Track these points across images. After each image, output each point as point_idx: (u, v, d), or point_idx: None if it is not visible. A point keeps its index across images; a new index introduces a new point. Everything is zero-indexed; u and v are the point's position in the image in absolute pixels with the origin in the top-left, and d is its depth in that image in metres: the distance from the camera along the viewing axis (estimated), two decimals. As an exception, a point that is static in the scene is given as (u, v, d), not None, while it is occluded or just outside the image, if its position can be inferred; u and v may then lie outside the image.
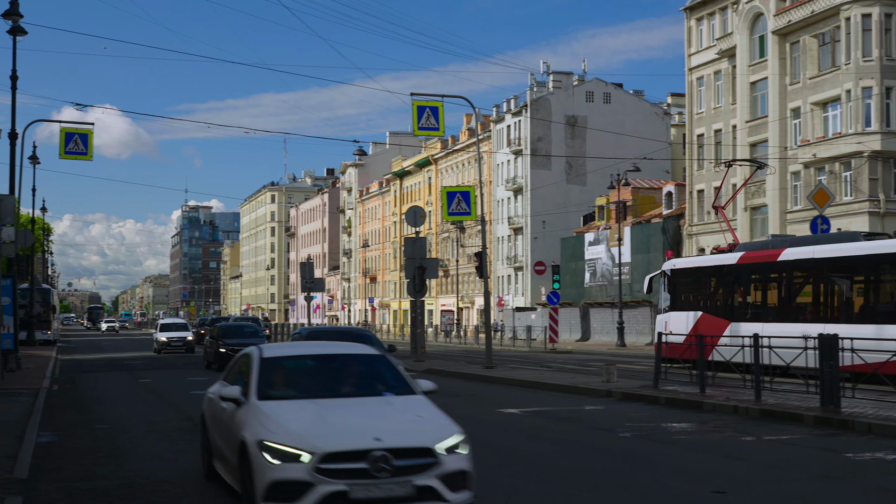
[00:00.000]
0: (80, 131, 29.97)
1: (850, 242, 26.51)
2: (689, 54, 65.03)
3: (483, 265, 30.00)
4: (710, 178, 62.32)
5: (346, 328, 28.06)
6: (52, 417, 17.77)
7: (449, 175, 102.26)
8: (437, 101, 27.08)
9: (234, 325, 38.14)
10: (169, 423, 16.82)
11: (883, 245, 25.13)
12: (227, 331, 34.24)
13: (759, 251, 30.17)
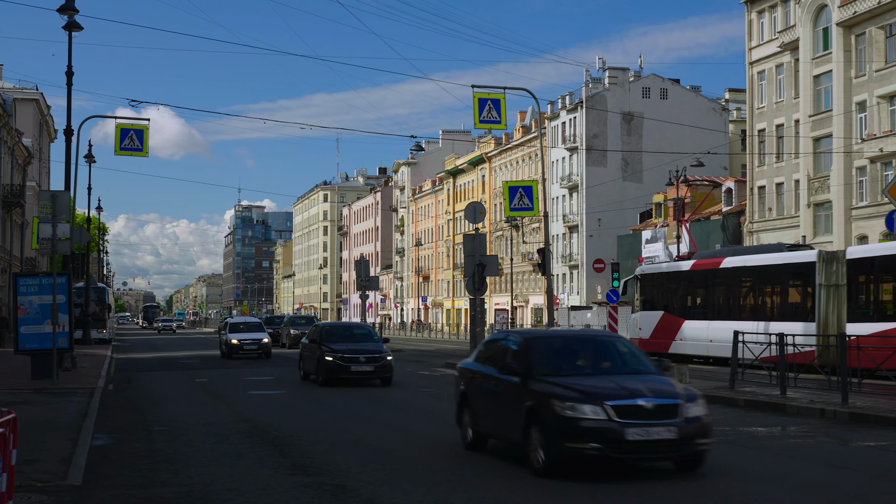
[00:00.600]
0: (135, 127, 29.54)
1: (772, 253, 32.51)
2: (749, 48, 63.65)
3: (546, 262, 29.19)
4: (772, 174, 61.00)
5: None
6: (107, 418, 17.23)
7: (502, 173, 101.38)
8: (498, 93, 26.32)
9: (341, 327, 29.80)
10: (228, 425, 16.21)
11: (790, 256, 31.08)
12: (334, 333, 26.88)
13: (708, 259, 35.58)
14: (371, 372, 24.30)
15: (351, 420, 17.21)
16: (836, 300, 26.33)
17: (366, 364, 24.24)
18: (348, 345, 25.08)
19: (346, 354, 24.14)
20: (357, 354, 24.28)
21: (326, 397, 21.89)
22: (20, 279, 24.71)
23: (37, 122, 77.75)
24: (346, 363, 23.97)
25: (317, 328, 27.74)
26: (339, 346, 24.80)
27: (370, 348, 24.67)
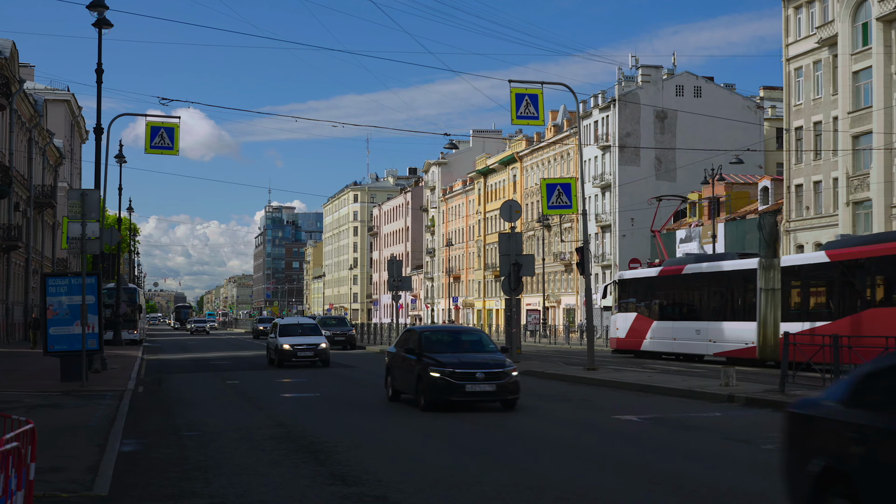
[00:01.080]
0: (166, 125, 29.06)
1: (725, 261, 36.72)
2: (786, 44, 62.64)
3: (584, 261, 28.50)
4: (810, 172, 59.98)
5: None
6: (136, 422, 16.69)
7: (534, 172, 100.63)
8: (536, 88, 25.65)
9: (444, 332, 22.37)
10: (261, 431, 15.60)
11: (738, 263, 35.04)
12: (437, 341, 20.62)
13: (673, 266, 40.12)
14: (492, 392, 18.72)
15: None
16: (773, 302, 29.50)
17: (485, 382, 18.68)
18: (458, 356, 19.53)
19: (459, 370, 18.78)
20: (472, 369, 18.81)
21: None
22: (49, 279, 24.29)
23: (68, 122, 77.80)
24: (459, 381, 18.62)
25: (412, 334, 21.27)
26: (446, 358, 19.26)
27: (488, 361, 19.22)
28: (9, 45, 51.31)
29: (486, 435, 15.34)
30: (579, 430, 15.44)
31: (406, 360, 20.23)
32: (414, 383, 19.52)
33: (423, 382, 19.00)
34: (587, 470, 11.82)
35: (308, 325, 37.25)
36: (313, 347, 34.21)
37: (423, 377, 19.00)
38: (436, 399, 18.77)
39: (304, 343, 34.31)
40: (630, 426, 15.95)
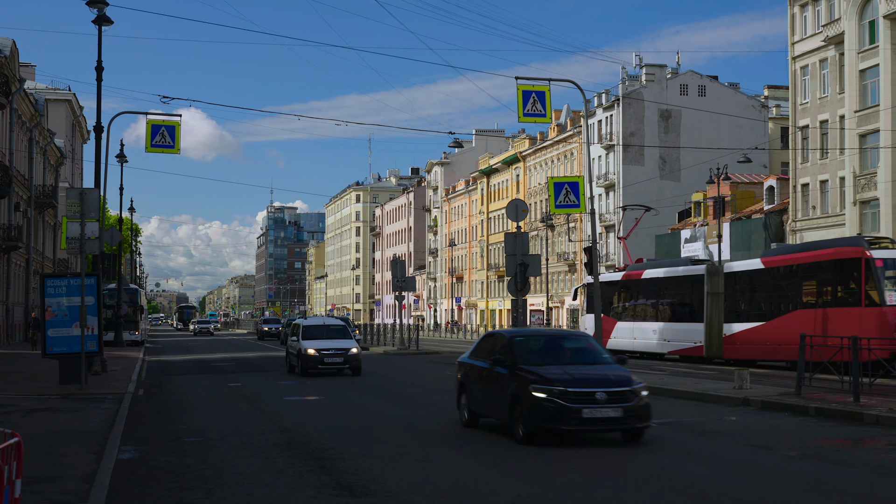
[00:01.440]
0: (166, 123, 28.54)
1: (679, 266, 39.93)
2: (792, 42, 62.17)
3: (593, 260, 28.01)
4: (816, 172, 59.53)
5: None
6: (135, 427, 16.21)
7: (537, 172, 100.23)
8: (543, 85, 25.12)
9: (542, 337, 16.85)
10: (264, 436, 15.10)
11: (689, 269, 38.32)
12: (534, 350, 15.63)
13: (634, 271, 43.05)
14: (617, 419, 13.81)
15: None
16: (718, 305, 30.79)
17: (608, 406, 13.69)
18: (566, 369, 14.46)
19: (573, 388, 13.73)
20: (590, 388, 13.82)
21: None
22: (47, 280, 23.83)
23: (69, 122, 77.38)
24: (574, 403, 13.66)
25: (497, 340, 16.30)
26: (552, 373, 14.19)
27: (609, 377, 14.35)
28: (9, 44, 50.88)
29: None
30: None
31: (491, 374, 15.53)
32: (506, 406, 14.63)
33: (522, 405, 14.11)
34: (606, 482, 11.34)
35: (336, 326, 32.59)
36: (342, 352, 29.84)
37: (522, 398, 14.10)
38: (540, 427, 13.82)
39: (331, 348, 29.93)
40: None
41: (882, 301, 29.03)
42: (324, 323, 33.73)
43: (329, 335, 31.10)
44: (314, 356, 29.55)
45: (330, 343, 30.25)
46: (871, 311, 29.20)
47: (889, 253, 30.42)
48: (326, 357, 29.58)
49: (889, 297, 29.24)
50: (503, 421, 15.02)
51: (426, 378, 29.35)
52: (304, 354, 29.66)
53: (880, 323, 28.55)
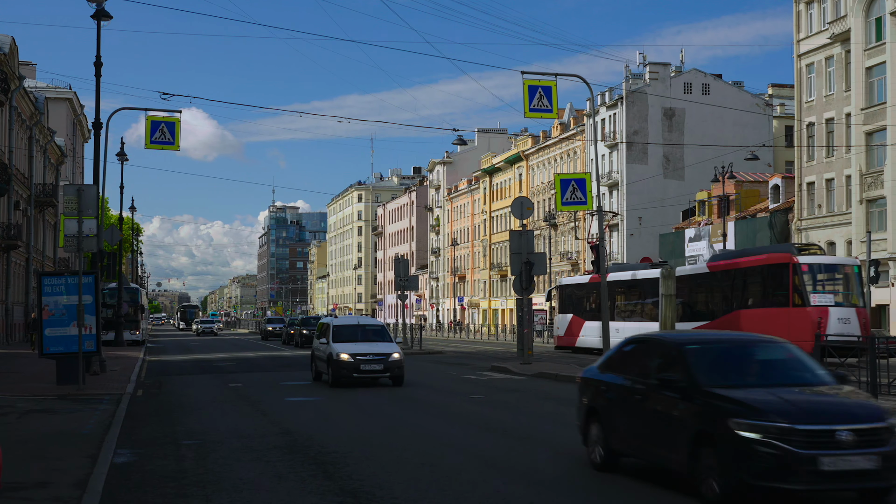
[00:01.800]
0: (166, 120, 28.15)
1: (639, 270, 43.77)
2: (797, 40, 61.69)
3: (600, 258, 27.59)
4: (822, 170, 59.04)
5: None
6: (133, 430, 15.73)
7: (540, 171, 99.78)
8: (550, 80, 24.69)
9: (727, 343, 11.65)
10: (264, 439, 14.60)
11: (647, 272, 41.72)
12: (721, 363, 10.87)
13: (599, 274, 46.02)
14: (871, 473, 9.42)
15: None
16: (670, 306, 31.66)
17: (857, 453, 9.24)
18: (778, 393, 9.88)
19: (802, 425, 9.27)
20: (828, 425, 9.34)
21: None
22: (45, 278, 23.37)
23: (70, 121, 76.97)
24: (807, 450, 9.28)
25: (655, 345, 12.00)
26: (760, 400, 9.74)
27: (848, 406, 9.96)
28: (8, 41, 50.44)
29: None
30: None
31: (650, 397, 11.07)
32: (683, 447, 10.15)
33: (715, 448, 9.71)
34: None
35: (373, 326, 27.32)
36: (382, 358, 24.83)
37: (715, 437, 9.71)
38: (750, 484, 9.38)
39: (369, 353, 24.91)
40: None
41: (807, 302, 32.68)
42: (358, 323, 27.80)
43: (365, 337, 26.16)
44: (348, 362, 24.54)
45: (367, 347, 25.19)
46: (797, 311, 32.70)
47: (814, 259, 34.37)
48: (363, 364, 24.54)
49: (813, 298, 32.92)
50: (674, 467, 10.53)
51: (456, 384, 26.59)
52: (337, 360, 24.62)
53: (805, 321, 31.79)
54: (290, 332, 62.33)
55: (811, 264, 33.83)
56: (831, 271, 34.77)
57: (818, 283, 33.76)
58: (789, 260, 33.58)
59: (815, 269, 34.05)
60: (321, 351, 26.20)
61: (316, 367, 27.05)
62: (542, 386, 24.05)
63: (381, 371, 24.66)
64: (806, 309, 32.45)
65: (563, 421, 15.99)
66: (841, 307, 33.11)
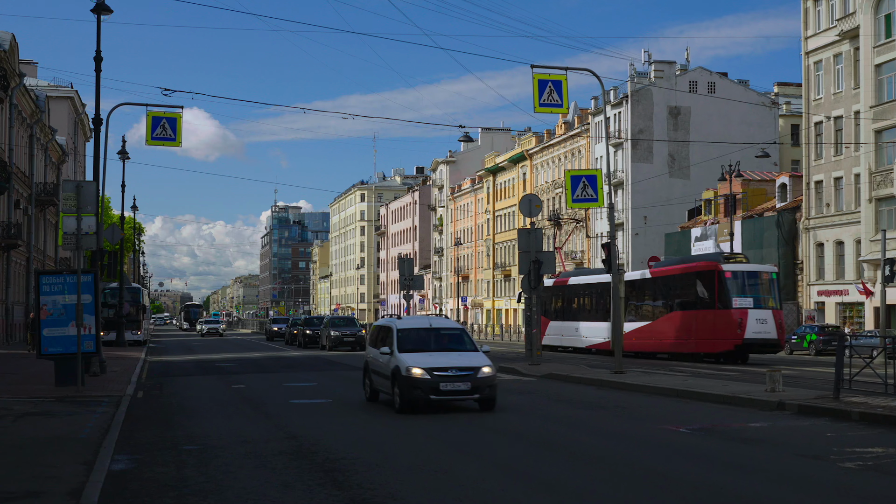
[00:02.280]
0: (167, 115, 27.55)
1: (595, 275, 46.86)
2: (805, 37, 61.09)
3: (611, 256, 26.98)
4: (830, 168, 58.42)
5: None
6: (132, 434, 15.11)
7: (544, 170, 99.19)
8: (560, 74, 24.09)
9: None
10: (269, 444, 13.94)
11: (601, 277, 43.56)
12: None
13: (563, 278, 51.50)
14: None
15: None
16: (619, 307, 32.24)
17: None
18: None
19: None
20: None
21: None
22: (43, 277, 22.75)
23: (72, 120, 76.41)
24: None
25: None
26: None
27: None
28: (8, 38, 49.86)
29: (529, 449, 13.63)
30: (627, 445, 13.68)
31: None
32: None
33: None
34: (652, 498, 10.25)
35: (450, 330, 20.48)
36: (469, 374, 18.26)
37: None
38: None
39: (451, 366, 18.31)
40: (681, 439, 14.27)
41: (729, 305, 37.34)
42: (430, 325, 20.66)
43: (440, 344, 19.61)
44: (424, 380, 18.09)
45: (447, 358, 18.74)
46: (722, 313, 37.48)
47: (738, 266, 38.59)
48: (444, 381, 18.11)
49: (735, 301, 37.39)
50: None
51: None
52: (407, 377, 18.18)
53: (728, 322, 37.18)
54: (294, 332, 61.75)
55: (734, 271, 38.15)
56: (752, 277, 38.79)
57: (740, 288, 37.93)
58: (715, 267, 37.98)
59: (737, 276, 38.27)
60: (381, 363, 19.79)
61: (371, 382, 20.81)
62: (553, 388, 23.46)
63: (468, 392, 18.24)
64: (730, 311, 37.25)
65: (580, 424, 15.44)
66: (759, 309, 37.65)
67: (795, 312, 60.83)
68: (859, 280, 53.38)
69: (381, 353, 19.58)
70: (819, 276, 59.76)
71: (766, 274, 39.60)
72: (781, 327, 38.73)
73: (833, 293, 58.29)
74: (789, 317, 60.49)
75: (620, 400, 20.09)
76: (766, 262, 63.83)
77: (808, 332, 47.31)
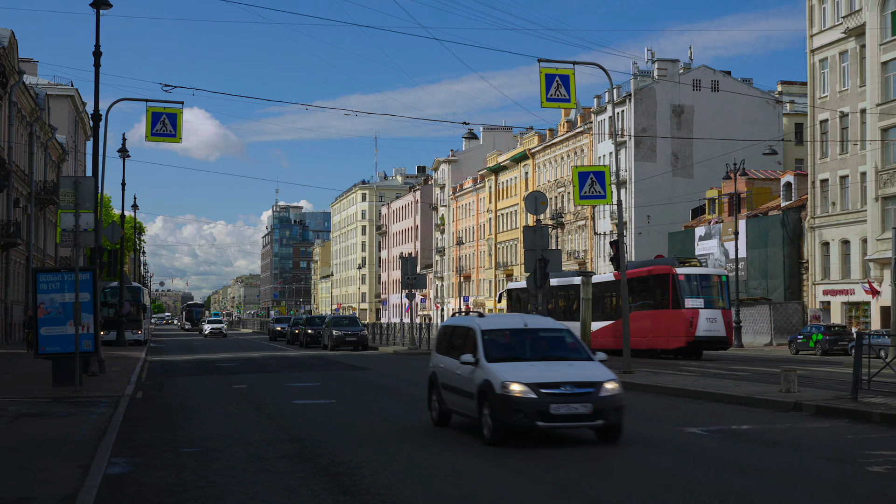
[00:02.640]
0: (168, 111, 27.07)
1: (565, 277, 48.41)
2: (810, 35, 60.61)
3: (619, 254, 26.48)
4: (836, 167, 57.95)
5: None
6: (130, 435, 14.61)
7: (546, 169, 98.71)
8: (568, 68, 23.60)
9: None
10: (271, 447, 13.41)
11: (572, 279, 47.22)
12: None
13: None
14: None
15: None
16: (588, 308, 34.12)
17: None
18: None
19: None
20: None
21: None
22: (40, 275, 22.26)
23: (72, 118, 75.95)
24: None
25: None
26: None
27: None
28: (7, 35, 49.40)
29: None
30: (644, 448, 13.16)
31: None
32: None
33: None
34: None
35: (551, 332, 15.38)
36: (588, 393, 13.32)
37: None
38: None
39: (562, 381, 13.37)
40: (699, 442, 13.76)
41: (682, 305, 40.56)
42: (525, 325, 15.35)
43: (538, 351, 14.82)
44: (528, 400, 13.22)
45: (555, 370, 13.89)
46: (675, 312, 40.67)
47: (690, 269, 42.07)
48: (556, 402, 13.19)
49: (687, 301, 40.63)
50: None
51: None
52: (504, 396, 13.33)
53: (681, 321, 40.40)
54: (295, 331, 61.28)
55: (687, 274, 41.47)
56: (704, 280, 42.10)
57: (692, 290, 41.26)
58: (670, 271, 41.34)
59: (690, 279, 41.55)
60: (458, 375, 14.92)
61: (441, 400, 15.84)
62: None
63: (588, 416, 13.29)
64: (682, 311, 40.54)
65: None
66: (710, 309, 40.77)
67: (800, 312, 60.34)
68: (865, 279, 52.91)
69: (465, 364, 14.45)
70: (824, 276, 59.27)
71: (716, 277, 42.89)
72: (730, 326, 42.54)
73: (839, 292, 57.81)
74: (794, 316, 60.02)
75: (632, 401, 19.37)
76: (771, 261, 63.52)
77: (813, 331, 46.72)
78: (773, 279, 63.66)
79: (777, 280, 63.34)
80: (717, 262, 68.82)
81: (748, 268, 64.29)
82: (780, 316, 60.00)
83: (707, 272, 43.67)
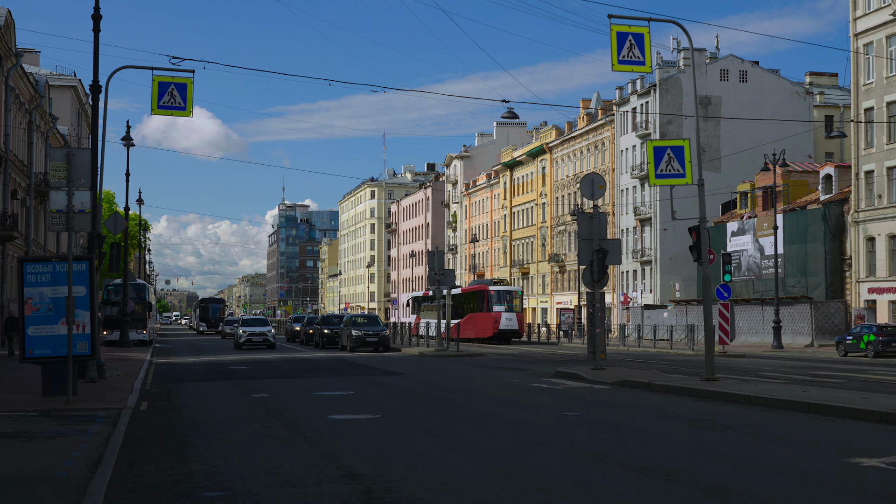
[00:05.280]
0: (176, 81, 23.77)
1: (457, 289, 64.10)
2: (853, 18, 57.32)
3: (700, 242, 23.18)
4: (882, 158, 54.70)
5: None
6: (131, 468, 11.03)
7: (564, 164, 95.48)
8: (643, 26, 20.29)
9: None
10: (321, 488, 9.67)
11: (455, 290, 55.31)
12: None
13: (423, 293, 78.13)
14: None
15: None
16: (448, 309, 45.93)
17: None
18: None
19: None
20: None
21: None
22: (27, 265, 19.00)
23: (75, 110, 72.67)
24: None
25: None
26: None
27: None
28: (4, 13, 46.10)
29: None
30: (817, 490, 9.81)
31: None
32: None
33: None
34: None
35: None
36: None
37: None
38: None
39: None
40: (891, 479, 10.37)
41: (492, 310, 63.19)
42: None
43: None
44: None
45: None
46: (489, 315, 63.26)
47: (498, 287, 66.59)
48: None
49: (495, 307, 63.37)
50: None
51: (527, 394, 22.15)
52: None
53: (491, 320, 63.03)
54: (310, 331, 58.14)
55: (496, 291, 65.04)
56: (506, 294, 65.21)
57: (498, 300, 64.14)
58: (485, 288, 65.26)
59: (498, 294, 64.67)
60: None
61: None
62: (640, 399, 19.30)
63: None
64: (493, 313, 63.34)
65: (724, 455, 11.62)
66: (509, 312, 63.72)
67: (843, 311, 56.94)
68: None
69: None
70: (870, 273, 55.94)
71: (514, 292, 66.73)
72: (522, 323, 65.94)
73: (886, 290, 54.47)
74: (836, 316, 56.63)
75: (739, 417, 15.79)
76: (810, 257, 60.24)
77: (864, 332, 43.31)
78: (813, 276, 60.33)
79: (817, 277, 60.01)
80: (752, 258, 65.54)
81: (786, 265, 61.00)
82: (822, 315, 56.57)
83: (509, 289, 67.40)
